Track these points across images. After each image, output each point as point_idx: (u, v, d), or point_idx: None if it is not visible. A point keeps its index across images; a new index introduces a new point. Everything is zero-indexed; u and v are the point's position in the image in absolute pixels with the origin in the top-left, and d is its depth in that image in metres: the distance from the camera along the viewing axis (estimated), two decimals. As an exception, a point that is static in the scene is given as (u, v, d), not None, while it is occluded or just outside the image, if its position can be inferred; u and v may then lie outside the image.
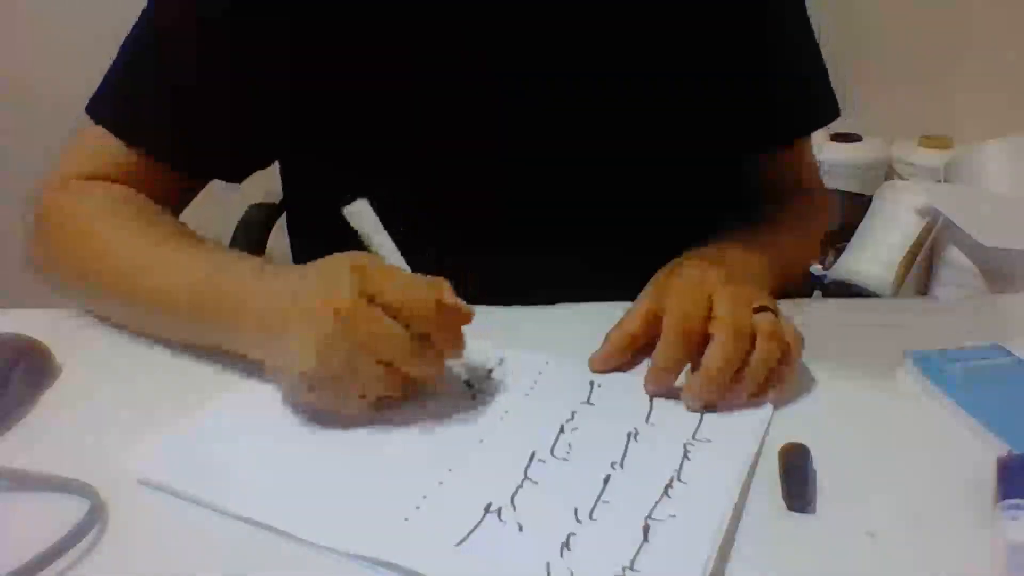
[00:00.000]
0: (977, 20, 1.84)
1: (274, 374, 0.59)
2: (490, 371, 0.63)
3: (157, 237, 0.67)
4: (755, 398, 0.60)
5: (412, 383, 0.58)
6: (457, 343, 0.58)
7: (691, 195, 0.78)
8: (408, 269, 0.59)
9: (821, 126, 0.89)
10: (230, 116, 0.72)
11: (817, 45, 0.84)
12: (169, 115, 0.72)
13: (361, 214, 0.58)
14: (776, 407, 0.60)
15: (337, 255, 0.57)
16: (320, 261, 0.58)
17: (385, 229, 0.60)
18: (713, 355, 0.59)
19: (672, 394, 0.61)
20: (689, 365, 0.61)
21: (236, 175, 0.78)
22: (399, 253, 0.60)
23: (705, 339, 0.61)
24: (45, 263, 0.71)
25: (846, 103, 0.86)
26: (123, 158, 0.72)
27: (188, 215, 0.81)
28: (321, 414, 0.57)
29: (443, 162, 0.74)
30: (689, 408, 0.60)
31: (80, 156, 0.73)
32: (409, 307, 0.54)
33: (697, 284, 0.64)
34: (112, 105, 0.73)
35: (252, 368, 0.61)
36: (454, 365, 0.60)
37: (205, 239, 0.69)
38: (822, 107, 0.86)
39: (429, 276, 0.58)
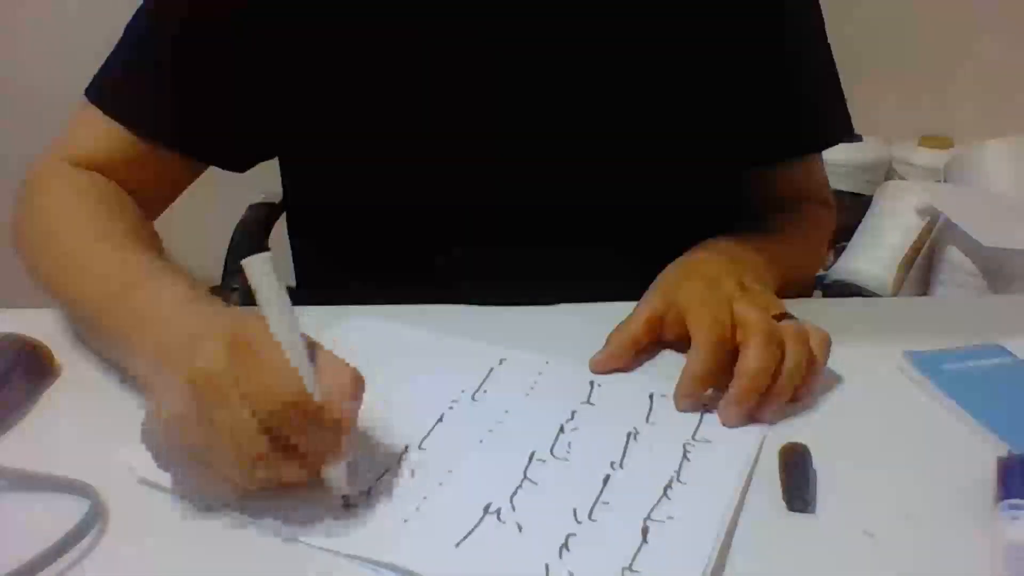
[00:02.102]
0: (977, 20, 1.84)
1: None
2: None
3: (103, 235, 0.64)
4: (791, 403, 0.60)
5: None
6: (331, 451, 0.48)
7: (692, 197, 0.78)
8: (301, 342, 0.48)
9: (832, 145, 0.87)
10: (230, 102, 0.72)
11: (835, 67, 0.84)
12: (168, 98, 0.72)
13: (259, 268, 0.47)
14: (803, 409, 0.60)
15: (225, 317, 0.51)
16: (213, 316, 0.52)
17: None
18: (749, 361, 0.58)
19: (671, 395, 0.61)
20: (688, 364, 0.61)
21: (236, 163, 0.77)
22: (294, 317, 0.48)
23: (734, 348, 0.60)
24: (17, 241, 0.71)
25: (847, 104, 0.86)
26: (118, 141, 0.71)
27: (189, 215, 0.81)
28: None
29: (442, 158, 0.74)
30: (730, 422, 0.58)
31: (74, 138, 0.73)
32: (266, 401, 0.45)
33: (715, 291, 0.64)
34: (110, 88, 0.72)
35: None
36: (329, 474, 0.49)
37: (155, 251, 0.65)
38: (835, 126, 0.85)
39: (344, 365, 0.49)
